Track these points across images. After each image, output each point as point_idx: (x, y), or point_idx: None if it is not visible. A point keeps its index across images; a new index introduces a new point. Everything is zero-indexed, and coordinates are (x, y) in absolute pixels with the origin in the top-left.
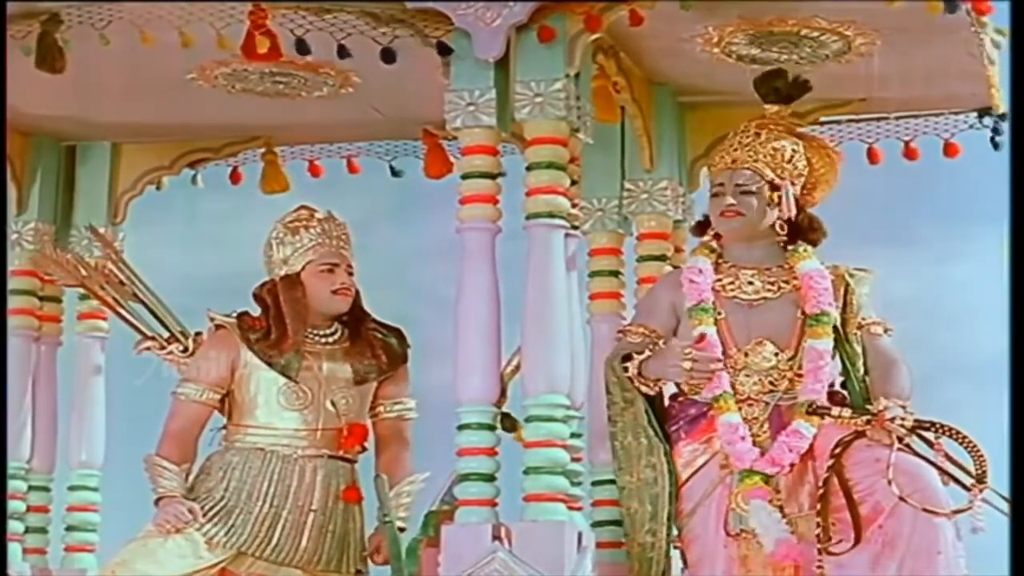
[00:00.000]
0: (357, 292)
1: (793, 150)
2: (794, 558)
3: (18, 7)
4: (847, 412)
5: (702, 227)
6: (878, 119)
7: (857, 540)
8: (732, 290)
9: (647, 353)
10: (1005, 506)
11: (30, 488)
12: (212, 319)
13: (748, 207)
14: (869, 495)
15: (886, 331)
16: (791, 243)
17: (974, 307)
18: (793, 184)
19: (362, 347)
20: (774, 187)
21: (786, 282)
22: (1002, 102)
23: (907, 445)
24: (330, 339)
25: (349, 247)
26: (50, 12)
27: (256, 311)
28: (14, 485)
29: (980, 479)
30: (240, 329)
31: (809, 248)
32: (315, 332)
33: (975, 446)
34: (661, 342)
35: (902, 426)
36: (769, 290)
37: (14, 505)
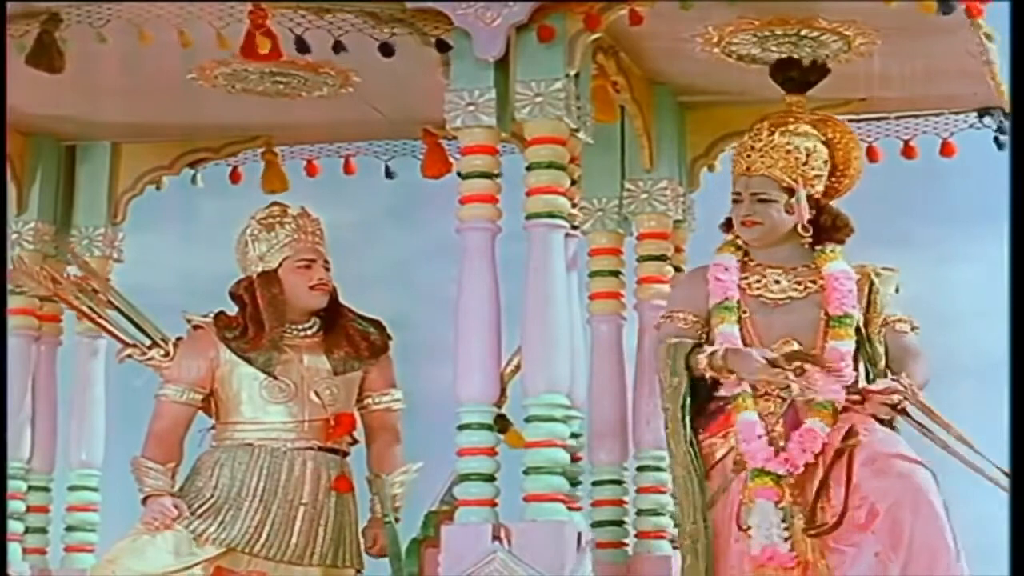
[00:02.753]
0: (333, 287)
1: (808, 149)
2: (777, 564)
3: (18, 7)
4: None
5: (729, 224)
6: (878, 119)
7: (837, 524)
8: (758, 288)
9: (730, 346)
10: (1004, 480)
11: (30, 488)
12: (189, 320)
13: (765, 216)
14: (863, 498)
15: (912, 328)
16: (818, 243)
17: (975, 308)
18: (812, 185)
19: (338, 339)
20: (791, 192)
21: (812, 282)
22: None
23: (903, 411)
24: (308, 332)
25: (324, 242)
26: (49, 12)
27: (233, 310)
28: (14, 485)
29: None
30: (217, 328)
31: (837, 248)
32: (293, 327)
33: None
34: (701, 326)
35: (887, 403)
36: (795, 290)
37: (14, 505)
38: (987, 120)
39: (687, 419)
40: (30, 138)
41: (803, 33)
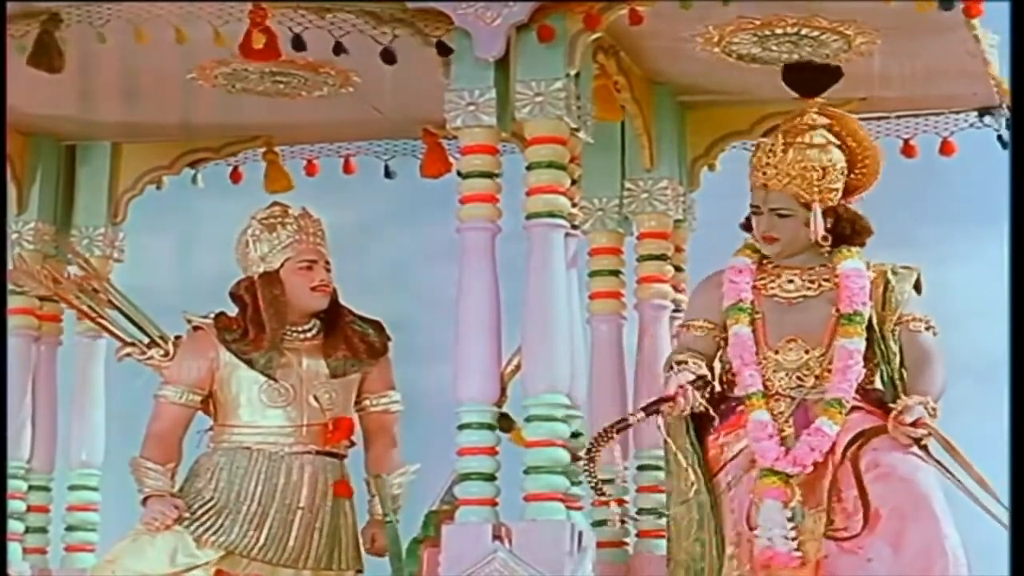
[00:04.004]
0: (334, 288)
1: (824, 163)
2: (780, 564)
3: (18, 7)
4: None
5: (749, 223)
6: (878, 118)
7: (862, 530)
8: (772, 288)
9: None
10: (1004, 517)
11: (30, 488)
12: (189, 321)
13: (783, 231)
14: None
15: (928, 327)
16: (836, 247)
17: (976, 308)
18: (829, 198)
19: (336, 341)
20: (809, 206)
21: (826, 280)
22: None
23: (924, 447)
24: (308, 335)
25: (325, 243)
26: (49, 12)
27: (234, 311)
28: (14, 485)
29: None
30: (217, 329)
31: (854, 248)
32: (293, 329)
33: None
34: (717, 332)
35: (912, 436)
36: (809, 288)
37: (14, 505)
38: (987, 120)
39: (690, 436)
40: (30, 138)
41: (803, 33)
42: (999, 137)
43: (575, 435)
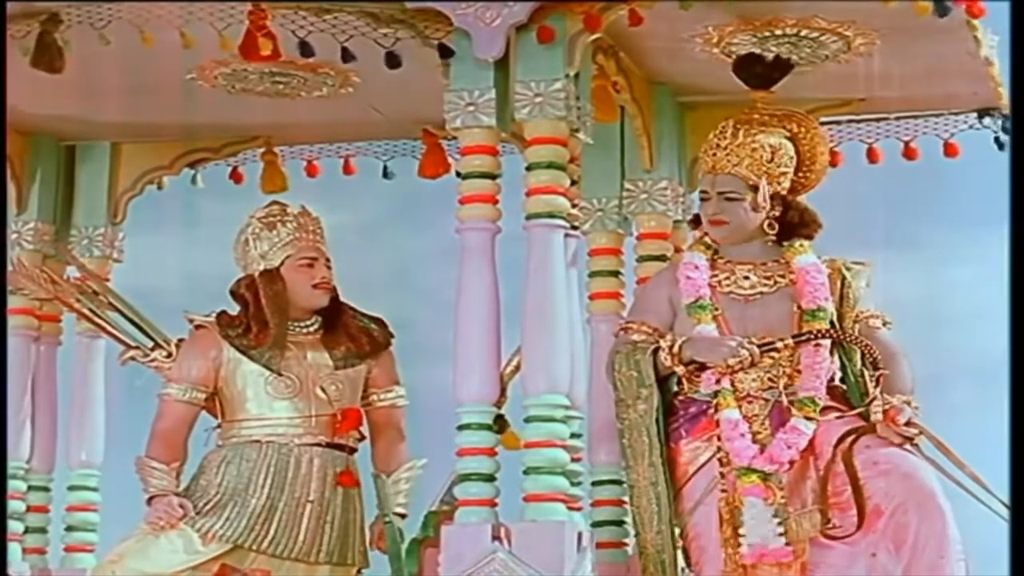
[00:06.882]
0: (334, 285)
1: (774, 146)
2: (772, 560)
3: (18, 7)
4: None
5: (698, 220)
6: (878, 119)
7: (859, 526)
8: (728, 285)
9: (684, 337)
10: (1004, 512)
11: (30, 488)
12: (191, 320)
13: (732, 214)
14: (868, 497)
15: (885, 324)
16: (786, 239)
17: (976, 309)
18: (778, 182)
19: (338, 336)
20: (757, 189)
21: (782, 276)
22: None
23: (915, 445)
24: (310, 330)
25: (324, 241)
26: (50, 12)
27: (235, 311)
28: (14, 485)
29: None
30: (219, 326)
31: (805, 243)
32: (296, 324)
33: None
34: (661, 341)
35: (905, 435)
36: (765, 285)
37: (14, 505)
38: (987, 120)
39: (659, 428)
40: (30, 138)
41: (802, 33)
42: (996, 139)
43: (575, 435)
